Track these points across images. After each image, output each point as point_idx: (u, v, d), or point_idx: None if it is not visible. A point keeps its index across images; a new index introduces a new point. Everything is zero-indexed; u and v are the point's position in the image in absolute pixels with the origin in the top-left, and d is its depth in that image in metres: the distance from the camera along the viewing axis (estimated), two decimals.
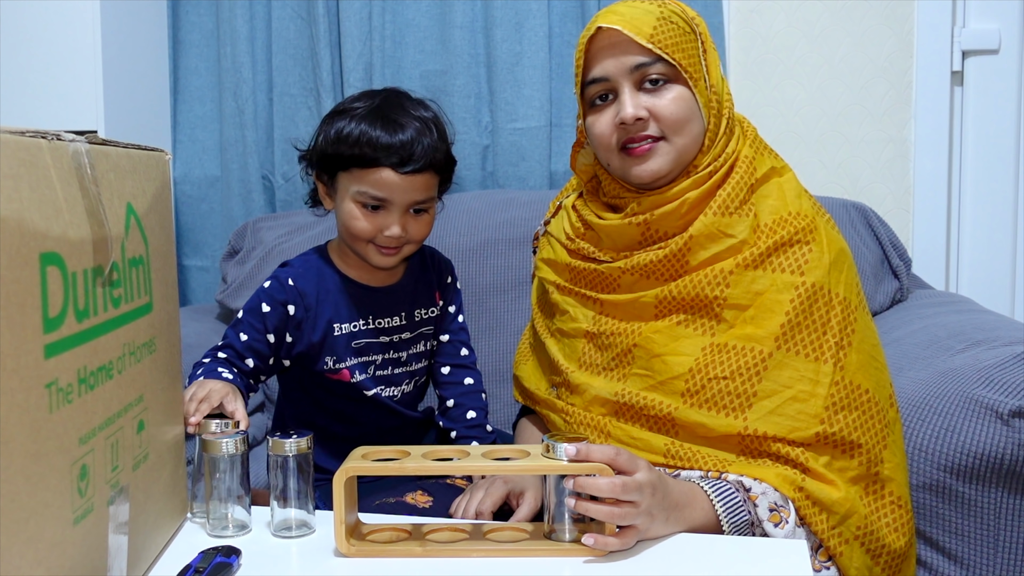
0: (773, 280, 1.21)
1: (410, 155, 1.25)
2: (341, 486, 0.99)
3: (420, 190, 1.28)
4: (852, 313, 1.21)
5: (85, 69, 1.96)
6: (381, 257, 1.31)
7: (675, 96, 1.23)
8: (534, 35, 2.11)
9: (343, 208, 1.29)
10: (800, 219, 1.23)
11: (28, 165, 0.72)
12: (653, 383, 1.23)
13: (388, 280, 1.38)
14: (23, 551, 0.70)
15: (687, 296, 1.23)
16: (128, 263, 0.91)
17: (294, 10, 2.20)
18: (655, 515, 1.01)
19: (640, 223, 1.25)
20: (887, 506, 1.18)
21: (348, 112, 1.29)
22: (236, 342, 1.30)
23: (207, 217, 2.31)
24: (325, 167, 1.31)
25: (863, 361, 1.20)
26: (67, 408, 0.76)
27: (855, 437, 1.16)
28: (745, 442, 1.17)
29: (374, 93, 1.33)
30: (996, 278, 2.13)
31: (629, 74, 1.23)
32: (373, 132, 1.25)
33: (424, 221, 1.31)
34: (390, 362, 1.38)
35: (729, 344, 1.20)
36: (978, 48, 2.07)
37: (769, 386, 1.17)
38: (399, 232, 1.28)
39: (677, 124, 1.23)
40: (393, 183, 1.25)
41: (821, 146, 2.12)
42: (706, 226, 1.22)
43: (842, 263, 1.24)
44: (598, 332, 1.29)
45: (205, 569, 0.93)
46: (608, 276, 1.30)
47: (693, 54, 1.23)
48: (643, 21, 1.21)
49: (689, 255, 1.23)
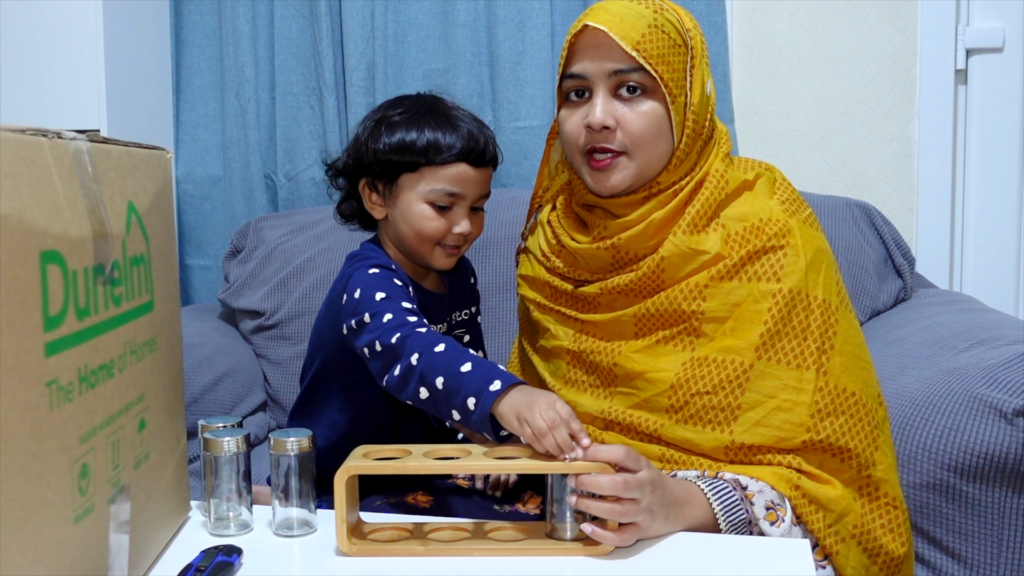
0: (750, 290, 1.18)
1: (481, 147, 1.27)
2: (343, 485, 0.99)
3: (486, 182, 1.30)
4: (833, 315, 1.19)
5: (87, 68, 1.96)
6: (445, 259, 1.29)
7: (647, 111, 1.18)
8: (536, 34, 2.11)
9: (412, 210, 1.26)
10: (771, 224, 1.20)
11: (29, 163, 0.72)
12: (637, 400, 1.21)
13: (436, 286, 1.36)
14: (24, 550, 0.69)
15: (665, 311, 1.21)
16: (129, 262, 0.90)
17: (296, 9, 2.20)
18: (655, 512, 1.01)
19: (608, 247, 1.23)
20: (882, 507, 1.17)
21: (394, 120, 1.27)
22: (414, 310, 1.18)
23: (209, 216, 2.31)
24: (383, 175, 1.28)
25: (847, 363, 1.18)
26: (68, 407, 0.76)
27: (844, 442, 1.15)
28: (732, 454, 1.16)
29: (410, 98, 1.32)
30: (1000, 277, 2.12)
31: (607, 78, 1.19)
32: (440, 132, 1.25)
33: (481, 218, 1.32)
34: None
35: (710, 358, 1.18)
36: (982, 46, 2.07)
37: (753, 397, 1.16)
38: (468, 227, 1.28)
39: (642, 141, 1.19)
40: (469, 177, 1.26)
41: (824, 145, 2.11)
42: (676, 246, 1.20)
43: (819, 263, 1.20)
44: (579, 351, 1.27)
45: (206, 568, 0.93)
46: (586, 296, 1.28)
47: (678, 68, 1.19)
48: (632, 26, 1.17)
49: (664, 275, 1.21)
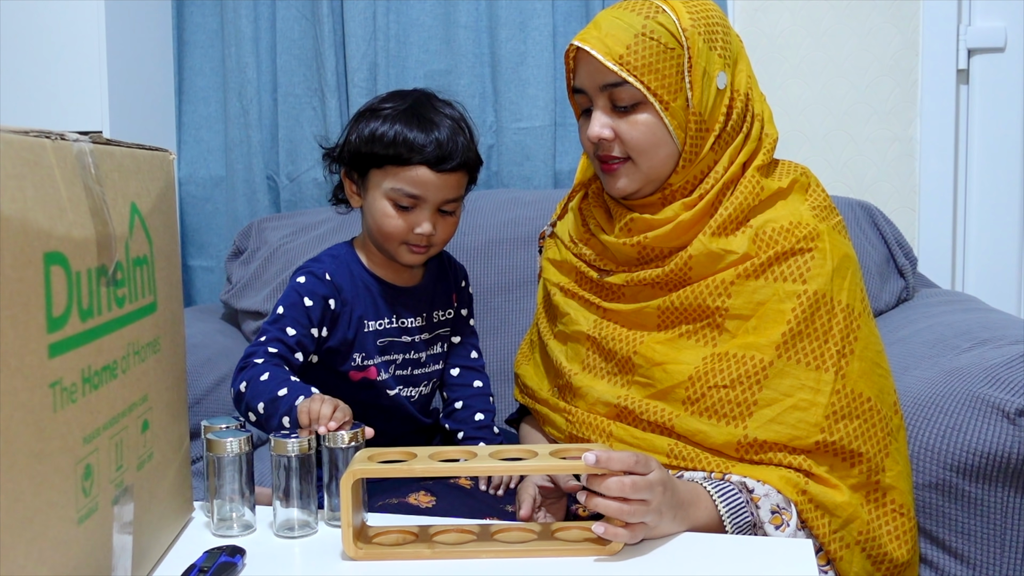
0: (775, 290, 1.19)
1: (446, 154, 1.27)
2: (348, 489, 0.98)
3: (452, 188, 1.30)
4: (855, 320, 1.20)
5: (90, 69, 1.96)
6: (411, 255, 1.32)
7: (640, 121, 1.21)
8: (538, 35, 2.11)
9: (376, 206, 1.31)
10: (801, 228, 1.21)
11: (32, 165, 0.72)
12: (654, 391, 1.22)
13: (410, 281, 1.39)
14: (27, 550, 0.69)
15: (689, 306, 1.22)
16: (132, 263, 0.91)
17: (298, 10, 2.20)
18: (663, 513, 1.01)
19: (635, 244, 1.25)
20: (888, 514, 1.17)
21: (380, 112, 1.31)
22: (285, 337, 1.28)
23: (212, 217, 2.31)
24: (357, 165, 1.32)
25: (866, 369, 1.19)
26: (71, 408, 0.76)
27: (856, 446, 1.15)
28: (744, 451, 1.16)
29: (404, 93, 1.35)
30: (1002, 277, 2.12)
31: (600, 92, 1.22)
32: (409, 131, 1.27)
33: (451, 222, 1.34)
34: (410, 363, 1.39)
35: (730, 353, 1.19)
36: (984, 46, 2.06)
37: (770, 395, 1.16)
38: (430, 229, 1.30)
39: (640, 149, 1.22)
40: (428, 181, 1.28)
41: (826, 145, 2.11)
42: (705, 246, 1.21)
43: (845, 269, 1.22)
44: (600, 336, 1.29)
45: (209, 569, 0.93)
46: (611, 285, 1.29)
47: (670, 73, 1.19)
48: (617, 39, 1.19)
49: (691, 272, 1.22)
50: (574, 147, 2.16)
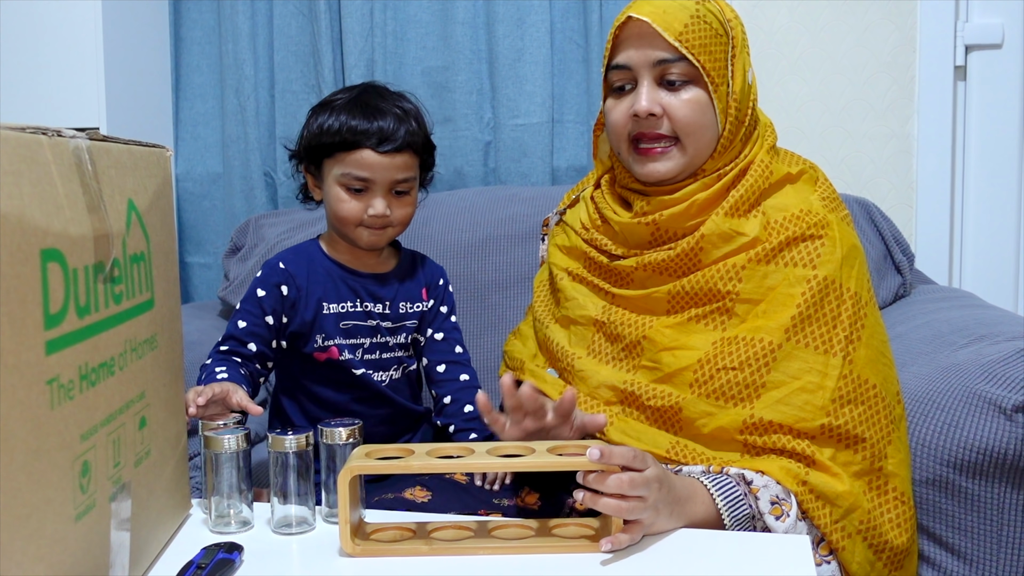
0: (785, 275, 1.21)
1: (388, 135, 1.34)
2: (346, 485, 0.99)
3: (400, 169, 1.36)
4: (862, 308, 1.21)
5: (87, 66, 1.96)
6: (369, 237, 1.38)
7: (691, 99, 1.23)
8: (536, 31, 2.11)
9: (331, 193, 1.38)
10: (811, 215, 1.23)
11: (29, 161, 0.72)
12: (661, 375, 1.23)
13: (376, 268, 1.44)
14: (25, 548, 0.69)
15: (699, 290, 1.23)
16: (129, 259, 0.91)
17: (296, 7, 2.20)
18: (660, 510, 1.01)
19: (649, 223, 1.26)
20: (890, 501, 1.18)
21: (328, 105, 1.39)
22: (236, 330, 1.39)
23: (209, 214, 2.31)
24: (311, 158, 1.40)
25: (872, 356, 1.20)
26: (68, 404, 0.76)
27: (860, 431, 1.16)
28: (748, 432, 1.17)
29: (353, 87, 1.43)
30: (999, 273, 2.12)
31: (651, 68, 1.23)
32: (353, 119, 1.34)
33: (406, 202, 1.39)
34: (378, 346, 1.42)
35: (739, 336, 1.20)
36: (981, 43, 2.06)
37: (778, 377, 1.18)
38: (383, 209, 1.35)
39: (689, 128, 1.23)
40: (374, 163, 1.34)
41: (824, 141, 2.11)
42: (717, 226, 1.23)
43: (854, 259, 1.24)
44: (608, 321, 1.30)
45: (207, 565, 0.93)
46: (621, 270, 1.30)
47: (720, 58, 1.23)
48: (675, 16, 1.21)
49: (701, 254, 1.24)
50: (571, 143, 2.16)
